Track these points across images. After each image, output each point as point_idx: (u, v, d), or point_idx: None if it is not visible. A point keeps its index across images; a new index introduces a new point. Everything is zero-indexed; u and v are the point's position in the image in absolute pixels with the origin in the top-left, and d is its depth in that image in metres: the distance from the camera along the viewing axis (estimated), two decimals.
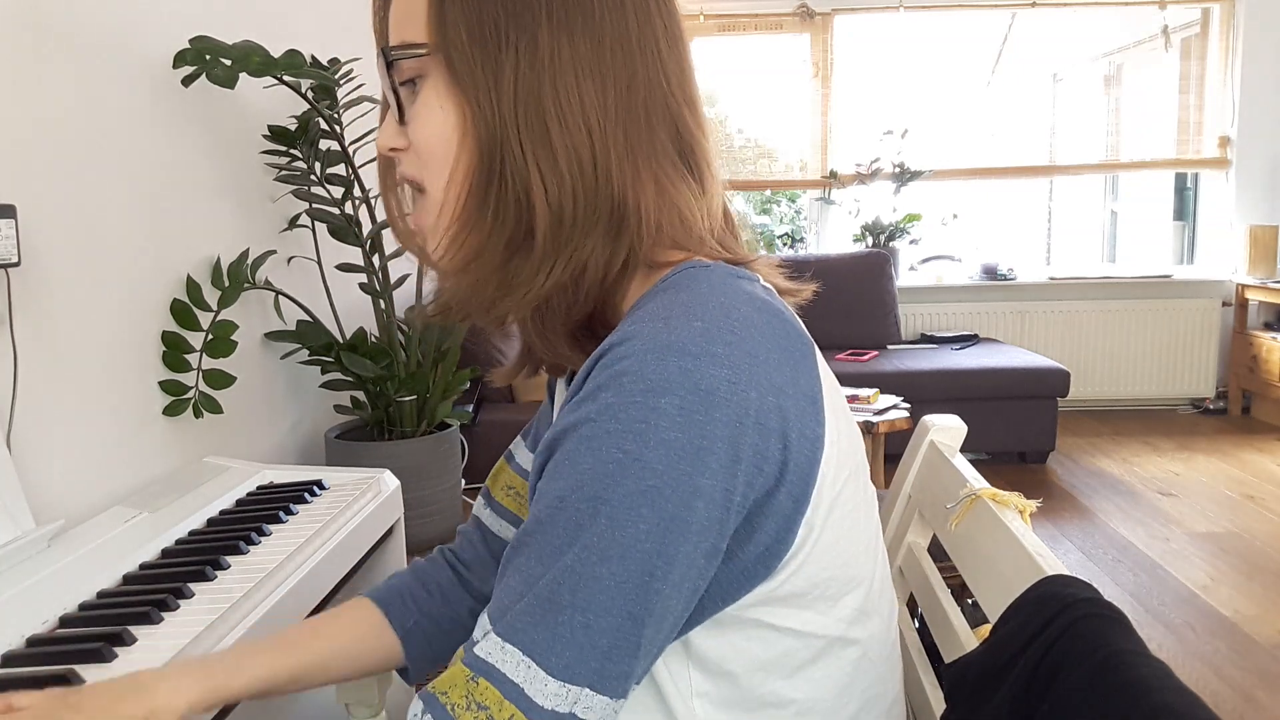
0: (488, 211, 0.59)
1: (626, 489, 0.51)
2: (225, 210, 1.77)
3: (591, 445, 0.52)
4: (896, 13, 4.59)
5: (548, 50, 0.57)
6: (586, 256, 0.59)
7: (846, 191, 4.75)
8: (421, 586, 0.81)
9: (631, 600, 0.51)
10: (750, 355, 0.53)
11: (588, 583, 0.51)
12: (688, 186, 0.63)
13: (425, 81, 0.61)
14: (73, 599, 0.98)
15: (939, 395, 3.75)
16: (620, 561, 0.51)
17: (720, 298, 0.56)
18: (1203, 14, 4.67)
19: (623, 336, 0.54)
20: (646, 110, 0.60)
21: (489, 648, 0.53)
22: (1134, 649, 0.53)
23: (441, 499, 2.03)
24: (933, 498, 0.92)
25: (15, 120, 1.23)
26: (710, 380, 0.51)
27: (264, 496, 1.37)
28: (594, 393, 0.53)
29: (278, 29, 1.95)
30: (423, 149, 0.61)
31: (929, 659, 0.87)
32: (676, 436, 0.51)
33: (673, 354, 0.52)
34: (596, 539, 0.51)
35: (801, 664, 0.60)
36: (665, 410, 0.51)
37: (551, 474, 0.54)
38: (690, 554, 0.52)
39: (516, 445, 0.86)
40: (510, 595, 0.53)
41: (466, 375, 2.13)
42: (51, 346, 1.28)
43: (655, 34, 0.61)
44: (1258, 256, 4.45)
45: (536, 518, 0.54)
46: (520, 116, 0.57)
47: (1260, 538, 3.00)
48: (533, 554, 0.53)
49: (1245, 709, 2.03)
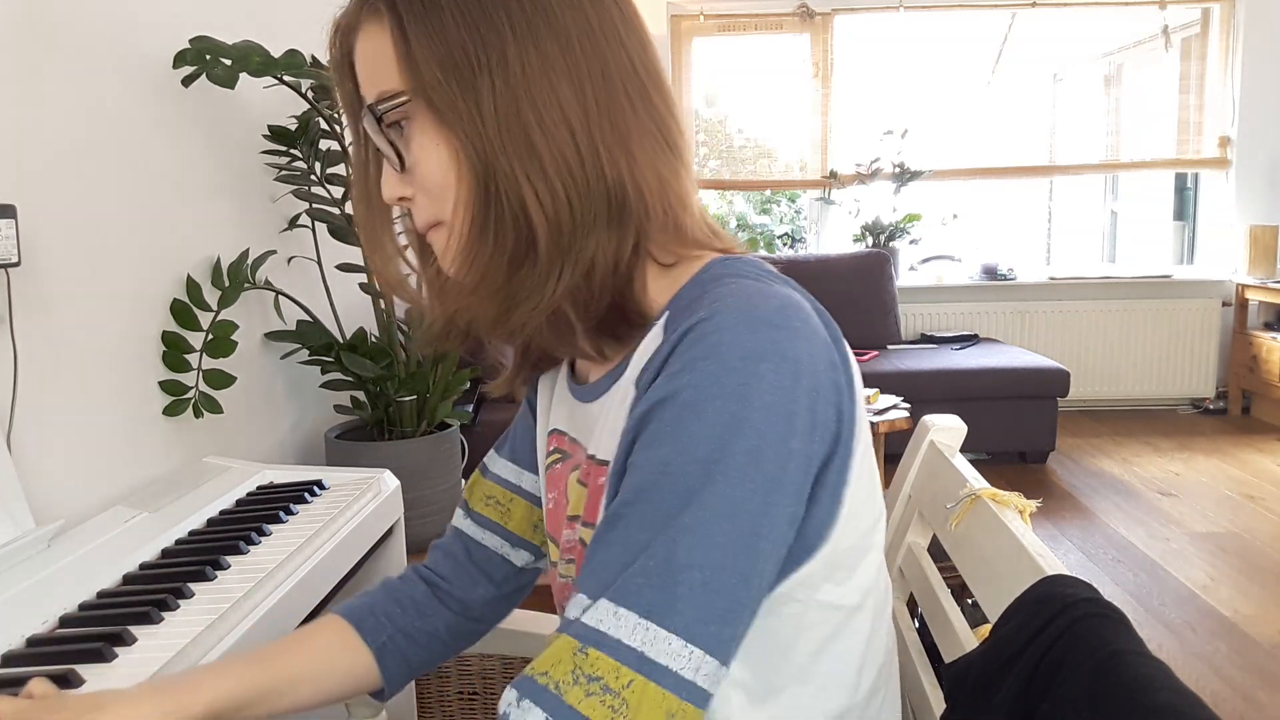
0: (489, 234, 0.60)
1: (737, 449, 0.52)
2: (225, 210, 1.77)
3: (698, 410, 0.53)
4: (896, 13, 4.59)
5: (518, 63, 0.58)
6: (593, 253, 0.60)
7: (846, 191, 4.75)
8: (394, 602, 0.80)
9: (743, 560, 0.52)
10: (815, 332, 0.57)
11: (704, 540, 0.51)
12: (678, 161, 0.64)
13: (412, 124, 0.61)
14: (73, 599, 0.98)
15: (939, 395, 3.75)
16: (732, 520, 0.52)
17: (771, 284, 0.60)
18: (1203, 14, 4.67)
19: (709, 313, 0.56)
20: (627, 94, 0.61)
21: (599, 614, 0.51)
22: (1134, 649, 0.53)
23: (441, 499, 2.03)
24: (933, 498, 0.92)
25: (15, 120, 1.23)
26: (795, 350, 0.55)
27: (264, 496, 1.37)
28: (690, 363, 0.54)
29: (278, 29, 1.95)
30: (430, 186, 0.62)
31: (929, 659, 0.87)
32: (774, 400, 0.53)
33: (763, 325, 0.55)
34: (712, 497, 0.52)
35: (825, 639, 0.61)
36: (764, 375, 0.53)
37: (651, 442, 0.54)
38: (780, 518, 0.54)
39: (491, 458, 0.87)
40: (614, 565, 0.53)
41: (466, 375, 2.13)
42: (51, 346, 1.28)
43: (613, 19, 0.62)
44: (1258, 256, 4.44)
45: (638, 486, 0.54)
46: (504, 136, 0.58)
47: (1260, 538, 3.00)
48: (636, 523, 0.53)
49: (1245, 709, 2.03)
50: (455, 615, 0.82)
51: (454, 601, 0.82)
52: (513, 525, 0.84)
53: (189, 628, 0.91)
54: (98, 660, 0.84)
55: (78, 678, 0.80)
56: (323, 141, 1.92)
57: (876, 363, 3.96)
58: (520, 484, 0.84)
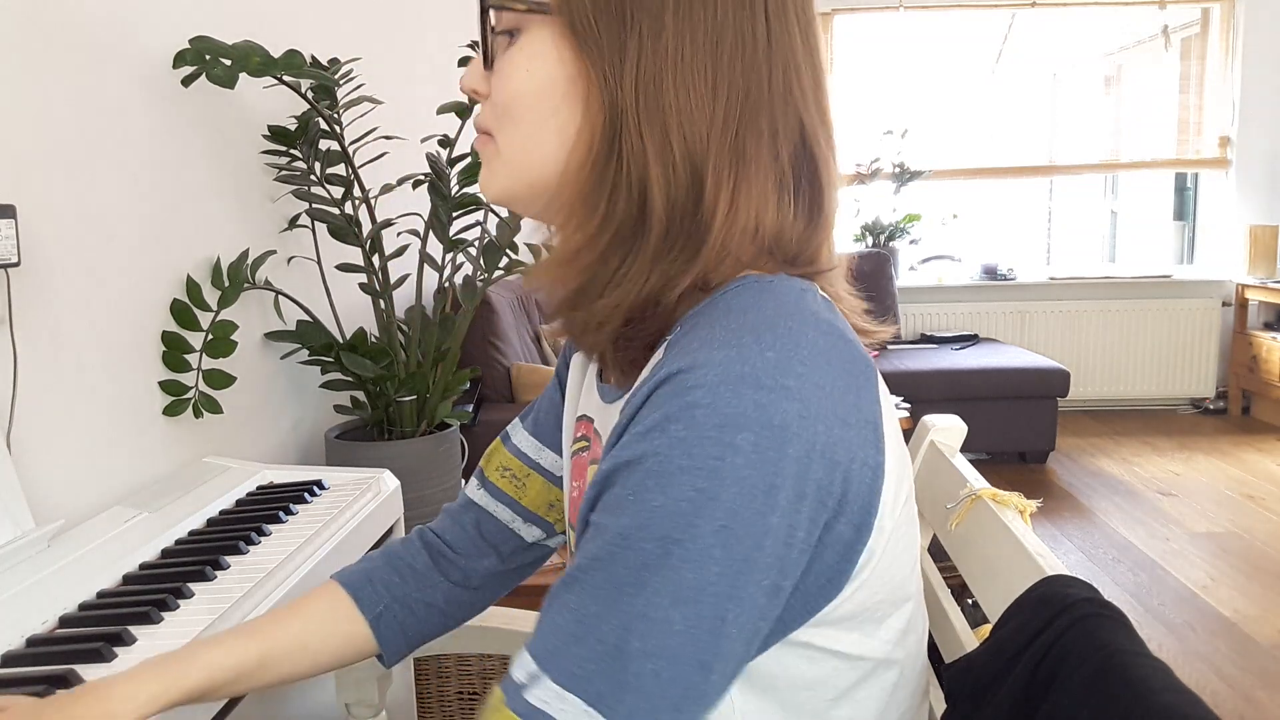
0: (604, 193, 0.57)
1: (701, 529, 0.48)
2: (225, 210, 1.77)
3: (662, 481, 0.49)
4: (896, 12, 4.59)
5: (672, 42, 0.55)
6: (676, 272, 0.56)
7: (846, 191, 4.74)
8: (394, 571, 0.78)
9: (703, 646, 0.48)
10: (819, 386, 0.51)
11: (659, 628, 0.48)
12: (792, 210, 0.59)
13: (526, 36, 0.58)
14: (73, 599, 0.98)
15: (939, 395, 3.75)
16: (694, 605, 0.48)
17: (788, 321, 0.53)
18: (1203, 14, 4.67)
19: (691, 363, 0.50)
20: (770, 124, 0.57)
21: (544, 695, 0.49)
22: (1134, 649, 0.53)
23: (441, 499, 2.03)
24: (933, 498, 0.92)
25: (15, 120, 1.23)
26: (783, 415, 0.49)
27: (264, 496, 1.37)
28: (662, 424, 0.49)
29: (278, 29, 1.95)
30: (504, 103, 0.59)
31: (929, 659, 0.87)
32: (750, 474, 0.48)
33: (747, 386, 0.49)
34: (668, 582, 0.48)
35: (847, 687, 0.58)
36: (741, 447, 0.48)
37: (613, 508, 0.51)
38: (755, 596, 0.50)
39: (514, 427, 0.85)
40: (563, 636, 0.50)
41: (466, 375, 2.13)
42: (51, 346, 1.28)
43: (791, 42, 0.58)
44: (1258, 256, 4.45)
45: (594, 555, 0.50)
46: (641, 103, 0.55)
47: (1260, 538, 3.00)
48: (590, 593, 0.50)
49: (1245, 709, 2.03)
50: (455, 586, 0.80)
51: (455, 571, 0.80)
52: (526, 501, 0.81)
53: (189, 628, 0.91)
54: (98, 660, 0.84)
55: (77, 678, 0.80)
56: (322, 141, 1.92)
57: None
58: (539, 460, 0.82)
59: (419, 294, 2.07)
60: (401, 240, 2.19)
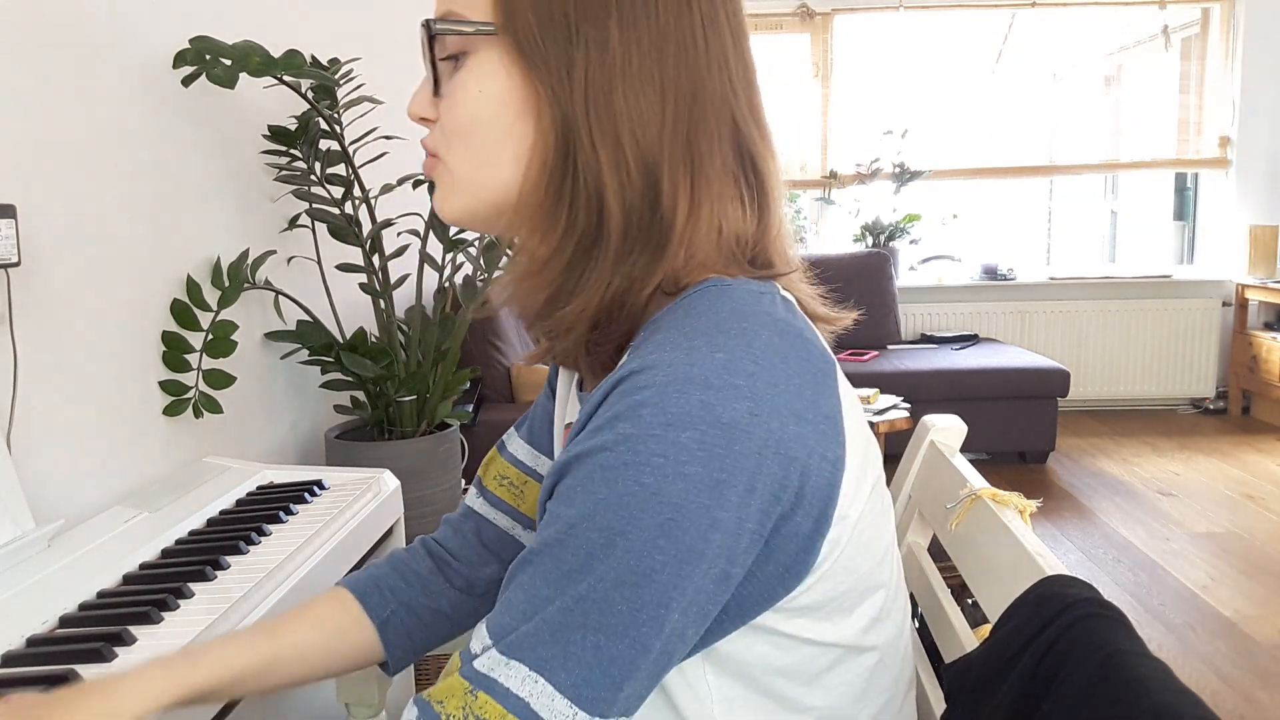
0: (563, 206, 0.58)
1: (644, 523, 0.50)
2: (225, 210, 1.77)
3: (607, 476, 0.51)
4: (896, 13, 4.59)
5: (618, 50, 0.56)
6: (636, 271, 0.58)
7: (846, 191, 4.75)
8: (400, 577, 0.79)
9: (644, 628, 0.51)
10: (771, 384, 0.52)
11: (601, 609, 0.50)
12: (744, 210, 0.61)
13: (473, 59, 0.59)
14: (73, 599, 0.98)
15: (939, 395, 3.75)
16: (634, 589, 0.50)
17: (741, 323, 0.54)
18: (1203, 14, 4.67)
19: (642, 364, 0.52)
20: (716, 125, 0.59)
21: (490, 662, 0.52)
22: (1134, 649, 0.53)
23: (441, 499, 2.03)
24: (933, 498, 0.92)
25: (15, 120, 1.23)
26: (731, 413, 0.51)
27: (264, 496, 1.37)
28: (611, 421, 0.52)
29: (278, 29, 1.95)
30: (452, 127, 0.60)
31: (929, 659, 0.87)
32: (697, 471, 0.50)
33: (694, 386, 0.51)
34: (612, 570, 0.50)
35: (819, 671, 0.60)
36: (686, 445, 0.50)
37: (564, 498, 0.53)
38: (701, 583, 0.52)
39: (509, 436, 0.85)
40: (514, 614, 0.52)
41: (466, 375, 2.13)
42: (51, 346, 1.28)
43: (724, 44, 0.59)
44: (1258, 256, 4.45)
45: (546, 540, 0.53)
46: (592, 114, 0.56)
47: (1260, 538, 3.00)
48: (540, 575, 0.52)
49: (1245, 709, 2.03)
50: (460, 593, 0.81)
51: (460, 579, 0.81)
52: (525, 508, 0.82)
53: (189, 628, 0.91)
54: (98, 660, 0.84)
55: (77, 678, 0.80)
56: (322, 141, 1.92)
57: (876, 363, 3.96)
58: (536, 467, 0.82)
59: (419, 294, 2.07)
60: (401, 240, 2.19)
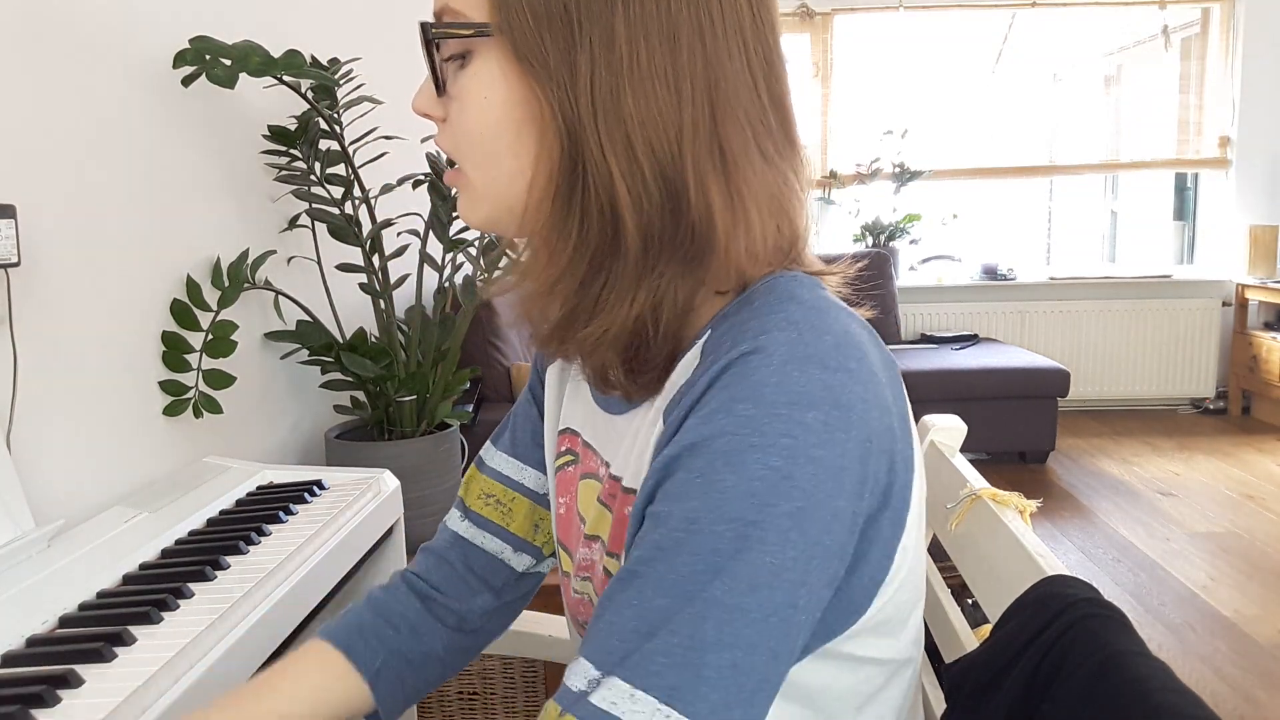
0: (573, 220, 0.54)
1: (779, 510, 0.46)
2: (225, 210, 1.77)
3: (732, 461, 0.47)
4: (896, 12, 4.59)
5: (625, 48, 0.51)
6: (669, 284, 0.53)
7: (846, 191, 4.75)
8: (386, 623, 0.73)
9: (777, 635, 0.46)
10: (872, 373, 0.50)
11: (736, 616, 0.45)
12: (789, 203, 0.56)
13: (477, 61, 0.55)
14: (73, 599, 0.98)
15: (939, 395, 3.75)
16: (769, 591, 0.46)
17: (833, 311, 0.52)
18: (1203, 14, 4.67)
19: (754, 347, 0.49)
20: (745, 117, 0.54)
21: (612, 696, 0.45)
22: (1134, 649, 0.53)
23: (441, 499, 2.03)
24: (933, 498, 0.92)
25: (15, 120, 1.23)
26: (849, 396, 0.48)
27: (264, 496, 1.37)
28: (728, 405, 0.48)
29: (278, 29, 1.95)
30: (462, 134, 0.57)
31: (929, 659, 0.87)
32: (822, 454, 0.47)
33: (813, 366, 0.48)
34: (745, 566, 0.46)
35: (874, 691, 0.57)
36: (811, 425, 0.47)
37: (676, 494, 0.48)
38: (820, 582, 0.48)
39: (487, 451, 0.80)
40: (626, 635, 0.47)
41: (466, 375, 2.13)
42: (51, 346, 1.28)
43: (740, 16, 0.54)
44: (1258, 256, 4.45)
45: (658, 543, 0.48)
46: (600, 120, 0.51)
47: (1260, 538, 3.00)
48: (654, 585, 0.47)
49: (1245, 709, 2.03)
50: (452, 631, 0.76)
51: (450, 615, 0.76)
52: (514, 527, 0.77)
53: (189, 628, 0.91)
54: (98, 660, 0.84)
55: (77, 678, 0.80)
56: (322, 141, 1.92)
57: None
58: (522, 480, 0.77)
59: (419, 294, 2.07)
60: (401, 240, 2.19)
